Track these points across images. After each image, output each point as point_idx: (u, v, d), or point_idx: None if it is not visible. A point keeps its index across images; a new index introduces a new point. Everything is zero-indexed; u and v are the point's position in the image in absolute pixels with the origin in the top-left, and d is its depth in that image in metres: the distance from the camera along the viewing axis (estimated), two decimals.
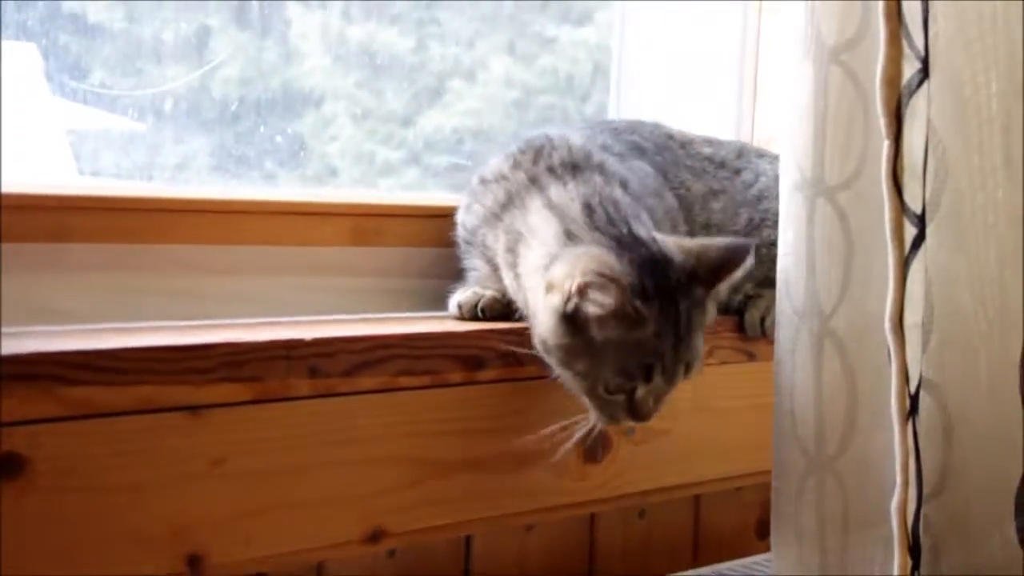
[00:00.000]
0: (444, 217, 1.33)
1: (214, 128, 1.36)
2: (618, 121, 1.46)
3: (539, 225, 1.18)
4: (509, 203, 1.23)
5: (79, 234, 1.11)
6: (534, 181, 1.22)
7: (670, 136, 1.44)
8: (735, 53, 1.74)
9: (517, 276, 1.20)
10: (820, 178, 1.14)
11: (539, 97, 1.71)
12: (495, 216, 1.24)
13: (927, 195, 1.14)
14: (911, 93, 1.04)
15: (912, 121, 1.04)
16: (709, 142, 1.47)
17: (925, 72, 1.04)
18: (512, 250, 1.21)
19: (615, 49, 1.76)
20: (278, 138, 1.41)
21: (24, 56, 1.26)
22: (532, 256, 1.18)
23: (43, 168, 1.32)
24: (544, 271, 1.14)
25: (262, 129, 1.39)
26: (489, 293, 1.25)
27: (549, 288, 1.12)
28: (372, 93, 1.53)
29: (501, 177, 1.25)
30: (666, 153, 1.40)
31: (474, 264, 1.28)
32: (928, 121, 1.10)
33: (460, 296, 1.25)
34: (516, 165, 1.25)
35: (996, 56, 1.13)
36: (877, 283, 1.10)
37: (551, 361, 1.14)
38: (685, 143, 1.44)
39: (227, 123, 1.37)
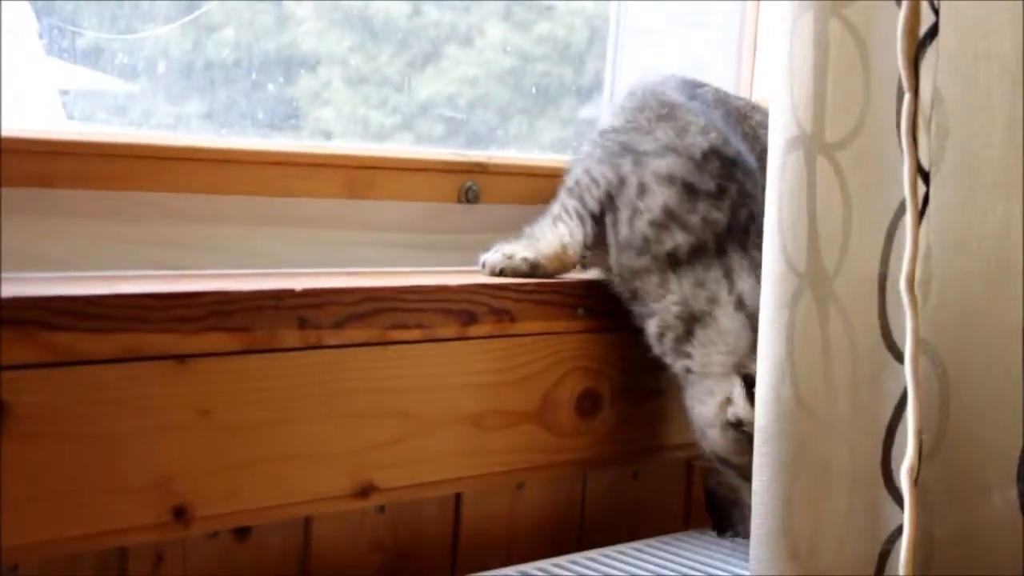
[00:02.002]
0: (440, 172, 1.32)
1: (207, 90, 1.34)
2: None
3: (729, 327, 1.17)
4: (687, 263, 1.20)
5: (66, 180, 1.08)
6: (722, 257, 1.20)
7: (740, 112, 1.37)
8: (735, 13, 1.71)
9: (683, 352, 1.20)
10: (820, 135, 1.12)
11: (536, 64, 1.69)
12: (666, 264, 1.21)
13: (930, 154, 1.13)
14: (924, 46, 1.03)
15: (925, 74, 1.02)
16: (753, 107, 1.42)
17: (937, 25, 1.03)
18: (685, 322, 1.20)
19: (612, 14, 1.74)
20: (271, 100, 1.38)
21: (17, 14, 1.24)
22: (713, 355, 1.18)
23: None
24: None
25: (255, 92, 1.37)
26: (519, 255, 1.24)
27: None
28: (367, 58, 1.51)
29: (671, 215, 1.21)
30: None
31: (567, 221, 1.26)
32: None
33: (488, 256, 1.24)
34: (707, 221, 1.20)
35: (1000, 21, 1.12)
36: (869, 244, 1.08)
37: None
38: (747, 113, 1.37)
39: (220, 85, 1.35)
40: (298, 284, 1.07)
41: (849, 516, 1.14)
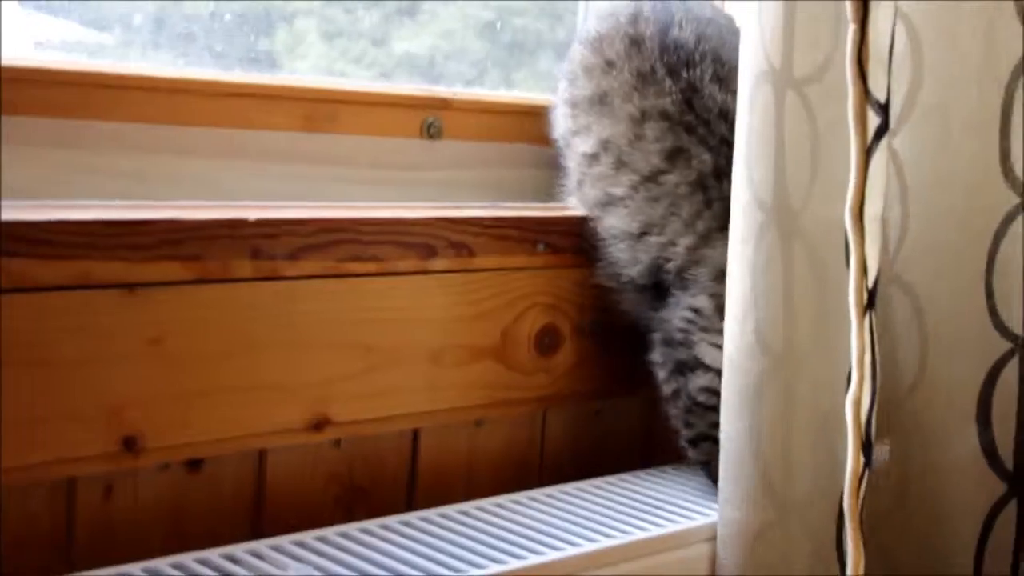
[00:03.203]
0: (402, 107, 1.30)
1: (181, 42, 1.32)
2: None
3: None
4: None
5: (20, 107, 1.07)
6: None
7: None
8: None
9: None
10: (789, 69, 1.11)
11: (514, 19, 1.68)
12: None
13: (904, 96, 1.12)
14: None
15: (878, 4, 1.01)
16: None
17: None
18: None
19: None
20: (247, 52, 1.37)
21: None
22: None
23: None
24: None
25: (231, 44, 1.35)
26: None
27: None
28: (344, 11, 1.50)
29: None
30: None
31: None
32: (903, 13, 1.08)
33: None
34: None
35: None
36: (841, 180, 1.08)
37: None
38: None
39: (195, 37, 1.33)
40: (252, 214, 1.06)
41: (815, 451, 1.14)
